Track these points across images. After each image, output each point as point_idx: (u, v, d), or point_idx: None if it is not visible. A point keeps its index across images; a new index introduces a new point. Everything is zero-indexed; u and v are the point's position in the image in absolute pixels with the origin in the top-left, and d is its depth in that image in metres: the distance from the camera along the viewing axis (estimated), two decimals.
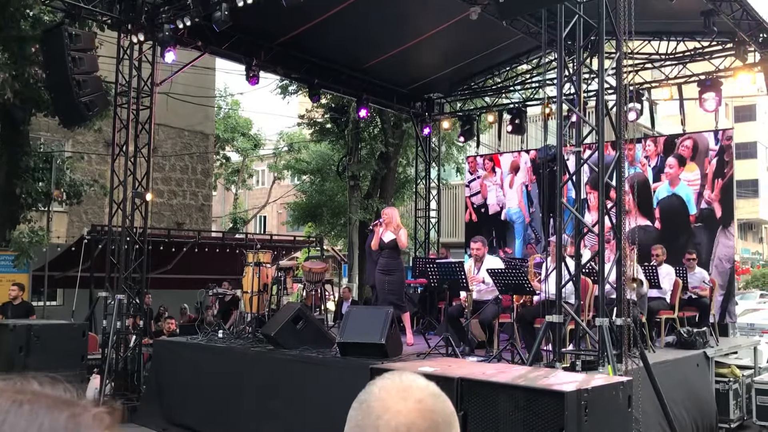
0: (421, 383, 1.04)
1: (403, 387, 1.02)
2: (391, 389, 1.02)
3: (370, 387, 1.05)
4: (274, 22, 10.81)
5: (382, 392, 1.02)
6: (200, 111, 20.59)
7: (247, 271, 9.43)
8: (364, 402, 1.03)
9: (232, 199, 33.85)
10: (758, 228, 47.09)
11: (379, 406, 1.00)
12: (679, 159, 12.08)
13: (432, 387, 1.05)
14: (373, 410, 1.01)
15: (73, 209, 17.45)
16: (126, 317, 9.68)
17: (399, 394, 1.01)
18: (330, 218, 21.20)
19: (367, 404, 1.02)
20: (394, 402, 1.00)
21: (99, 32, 10.37)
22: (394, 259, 8.28)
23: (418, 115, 14.92)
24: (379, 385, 1.04)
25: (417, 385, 1.03)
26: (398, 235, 8.20)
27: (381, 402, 1.01)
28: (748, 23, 10.00)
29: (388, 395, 1.01)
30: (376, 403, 1.01)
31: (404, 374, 1.06)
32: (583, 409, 4.15)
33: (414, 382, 1.04)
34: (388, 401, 1.01)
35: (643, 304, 8.29)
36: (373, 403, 1.01)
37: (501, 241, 14.09)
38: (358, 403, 1.03)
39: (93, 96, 9.12)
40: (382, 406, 1.00)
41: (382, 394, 1.02)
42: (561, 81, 6.89)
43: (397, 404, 1.00)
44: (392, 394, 1.02)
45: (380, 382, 1.05)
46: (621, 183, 6.81)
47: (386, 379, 1.05)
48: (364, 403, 1.03)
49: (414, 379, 1.05)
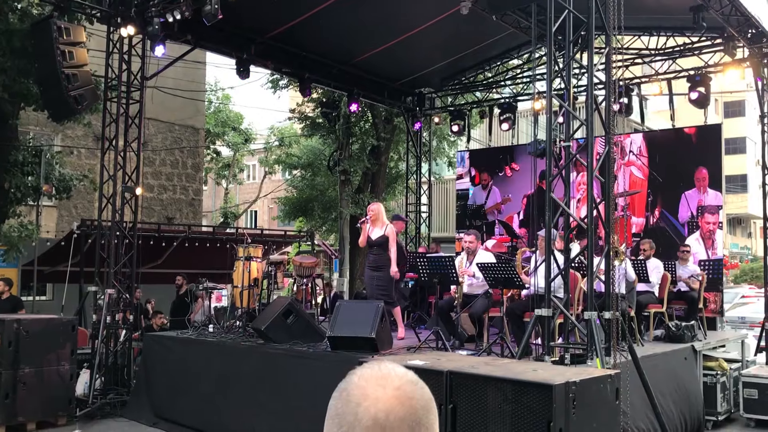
0: (399, 371, 1.06)
1: (381, 375, 1.04)
2: (369, 377, 1.04)
3: (350, 376, 1.06)
4: (264, 16, 10.79)
5: (360, 380, 1.04)
6: (191, 105, 20.51)
7: (238, 265, 9.43)
8: (343, 390, 1.04)
9: (223, 193, 33.76)
10: (747, 223, 47.40)
11: (358, 394, 1.02)
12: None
13: (410, 375, 1.06)
14: (352, 398, 1.02)
15: (63, 204, 17.37)
16: (116, 312, 9.65)
17: (378, 381, 1.03)
18: (321, 213, 21.17)
19: (346, 392, 1.04)
20: (372, 389, 1.02)
21: (88, 25, 10.30)
22: (382, 255, 8.29)
23: (409, 110, 14.92)
24: (358, 374, 1.06)
25: (395, 373, 1.05)
26: (387, 232, 8.24)
27: (360, 390, 1.03)
28: (737, 19, 10.06)
29: (366, 383, 1.03)
30: (356, 391, 1.03)
31: (383, 363, 1.07)
32: (571, 401, 4.19)
33: (392, 371, 1.05)
34: (367, 389, 1.02)
35: (631, 297, 8.34)
36: (352, 391, 1.03)
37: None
38: (338, 392, 1.05)
39: (82, 90, 9.08)
40: (361, 394, 1.02)
41: (360, 382, 1.04)
42: (551, 76, 6.91)
43: (376, 391, 1.01)
44: (371, 382, 1.03)
45: (359, 371, 1.06)
46: (610, 177, 6.85)
47: (365, 368, 1.06)
48: (343, 392, 1.04)
49: (393, 367, 1.06)
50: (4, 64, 10.41)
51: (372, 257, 8.39)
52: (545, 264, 6.68)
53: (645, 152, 12.50)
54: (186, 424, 8.37)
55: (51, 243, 14.45)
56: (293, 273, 10.48)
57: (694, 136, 12.24)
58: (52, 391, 8.36)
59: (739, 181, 41.73)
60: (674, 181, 12.06)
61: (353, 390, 1.03)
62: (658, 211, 12.22)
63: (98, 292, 9.85)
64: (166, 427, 8.51)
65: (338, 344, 7.27)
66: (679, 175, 12.03)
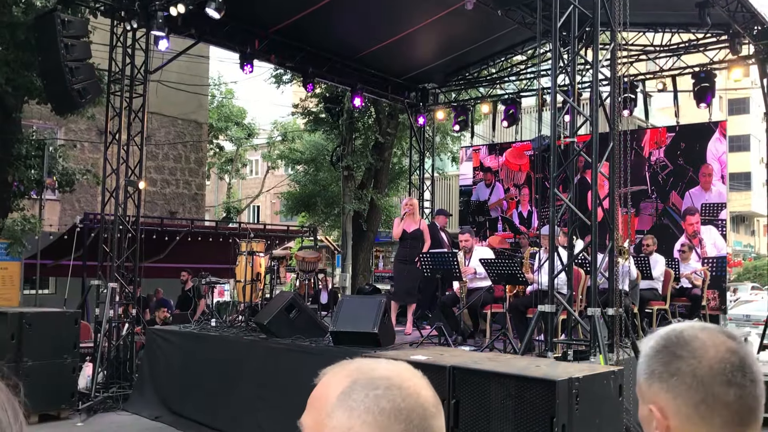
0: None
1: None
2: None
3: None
4: (269, 10, 10.77)
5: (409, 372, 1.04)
6: (194, 99, 20.50)
7: (240, 260, 9.43)
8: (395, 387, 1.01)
9: (226, 188, 33.78)
10: (750, 221, 47.33)
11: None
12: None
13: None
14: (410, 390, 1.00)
15: (66, 197, 17.39)
16: (118, 305, 9.66)
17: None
18: (324, 208, 21.16)
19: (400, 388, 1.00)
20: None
21: (92, 19, 10.29)
22: (416, 249, 8.43)
23: (412, 106, 14.89)
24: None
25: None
26: (422, 227, 8.47)
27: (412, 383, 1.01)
28: (743, 15, 10.01)
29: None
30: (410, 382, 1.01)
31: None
32: (574, 397, 4.18)
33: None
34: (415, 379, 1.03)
35: (635, 294, 8.33)
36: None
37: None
38: (383, 389, 1.00)
39: (86, 83, 9.06)
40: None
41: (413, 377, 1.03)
42: (555, 72, 6.89)
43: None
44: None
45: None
46: (614, 173, 6.83)
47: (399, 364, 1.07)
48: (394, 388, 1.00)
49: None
50: (7, 56, 10.40)
51: (405, 251, 8.51)
52: (549, 260, 6.67)
53: (649, 148, 12.47)
54: (188, 417, 8.38)
55: (54, 237, 14.47)
56: (296, 268, 10.49)
57: (698, 133, 12.20)
58: (54, 384, 8.37)
59: (742, 179, 41.62)
60: (678, 178, 12.03)
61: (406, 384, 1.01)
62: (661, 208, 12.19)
63: (101, 286, 9.86)
64: (168, 420, 8.51)
65: (341, 339, 7.27)
66: (684, 171, 12.00)
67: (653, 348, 1.14)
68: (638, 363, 1.16)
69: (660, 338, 1.15)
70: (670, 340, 1.13)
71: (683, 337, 1.12)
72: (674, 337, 1.13)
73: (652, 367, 1.12)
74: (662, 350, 1.12)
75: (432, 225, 10.48)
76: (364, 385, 1.00)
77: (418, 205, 8.93)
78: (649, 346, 1.15)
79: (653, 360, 1.12)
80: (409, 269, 8.43)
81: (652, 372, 1.11)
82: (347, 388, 1.00)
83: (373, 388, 0.99)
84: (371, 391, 0.98)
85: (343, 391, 1.00)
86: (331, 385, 1.02)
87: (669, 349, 1.12)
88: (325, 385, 1.04)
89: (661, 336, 1.15)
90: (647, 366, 1.13)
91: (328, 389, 1.02)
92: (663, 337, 1.15)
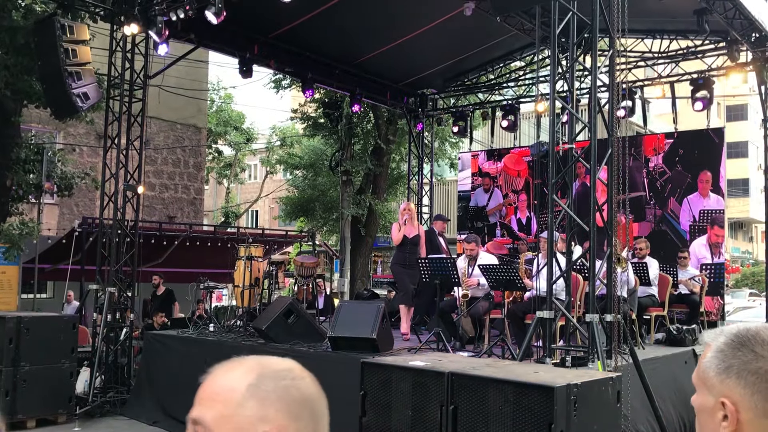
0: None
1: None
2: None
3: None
4: (267, 16, 10.78)
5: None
6: (193, 104, 20.53)
7: (239, 265, 9.43)
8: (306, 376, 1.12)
9: (224, 193, 33.77)
10: (748, 227, 47.39)
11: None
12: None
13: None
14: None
15: (64, 201, 17.38)
16: (117, 310, 9.65)
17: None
18: (322, 213, 21.17)
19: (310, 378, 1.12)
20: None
21: (91, 23, 10.31)
22: (415, 253, 8.53)
23: (411, 111, 14.91)
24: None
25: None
26: (420, 232, 8.61)
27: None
28: (741, 22, 10.04)
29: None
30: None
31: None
32: (572, 404, 4.18)
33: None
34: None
35: (633, 300, 8.33)
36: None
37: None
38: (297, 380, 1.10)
39: (85, 88, 9.07)
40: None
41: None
42: (554, 78, 6.90)
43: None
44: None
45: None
46: (612, 180, 6.84)
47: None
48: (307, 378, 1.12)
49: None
50: (7, 61, 10.41)
51: (405, 255, 8.59)
52: (547, 266, 6.67)
53: (648, 155, 12.48)
54: (186, 422, 8.34)
55: (52, 241, 14.45)
56: (294, 273, 10.48)
57: (696, 140, 12.21)
58: (52, 388, 8.36)
59: (740, 185, 41.70)
60: (677, 185, 12.05)
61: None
62: (660, 215, 12.20)
63: (99, 291, 9.84)
64: (166, 425, 8.49)
65: (339, 344, 7.27)
66: (682, 178, 12.02)
67: (728, 345, 1.19)
68: (707, 356, 1.22)
69: (734, 336, 1.20)
70: (746, 338, 1.18)
71: (762, 336, 1.18)
72: (751, 336, 1.18)
73: (728, 363, 1.17)
74: (740, 348, 1.18)
75: (430, 230, 10.48)
76: (271, 377, 1.07)
77: (415, 210, 9.02)
78: (721, 342, 1.20)
79: (730, 356, 1.18)
80: (412, 274, 8.52)
81: (728, 367, 1.17)
82: (255, 380, 1.06)
83: (280, 379, 1.07)
84: (280, 381, 1.07)
85: (251, 383, 1.06)
86: (234, 379, 1.08)
87: (748, 347, 1.17)
88: (225, 380, 1.09)
89: (734, 333, 1.20)
90: (722, 361, 1.18)
91: (232, 383, 1.07)
92: (737, 334, 1.20)
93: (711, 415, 1.19)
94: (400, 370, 4.87)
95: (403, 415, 4.76)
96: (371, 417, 5.02)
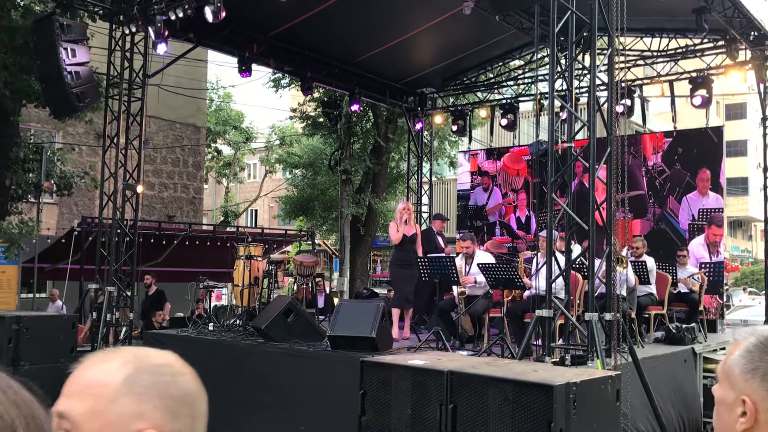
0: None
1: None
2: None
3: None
4: (266, 15, 10.78)
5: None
6: (192, 103, 20.52)
7: (238, 264, 9.43)
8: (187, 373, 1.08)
9: (224, 192, 33.75)
10: (747, 226, 47.39)
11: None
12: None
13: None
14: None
15: (64, 201, 17.37)
16: (116, 309, 9.65)
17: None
18: (322, 212, 21.18)
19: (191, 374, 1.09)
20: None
21: (90, 23, 10.30)
22: (413, 253, 8.48)
23: (410, 110, 14.91)
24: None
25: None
26: (417, 231, 8.60)
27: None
28: (740, 21, 10.05)
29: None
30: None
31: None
32: (571, 402, 4.18)
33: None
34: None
35: (632, 299, 8.33)
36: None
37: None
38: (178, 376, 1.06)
39: (84, 87, 9.07)
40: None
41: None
42: (553, 77, 6.90)
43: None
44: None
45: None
46: (611, 179, 6.84)
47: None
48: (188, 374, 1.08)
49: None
50: (6, 60, 10.40)
51: (403, 254, 8.54)
52: (546, 265, 6.68)
53: (646, 154, 12.48)
54: None
55: (51, 240, 14.45)
56: (294, 272, 10.49)
57: (696, 138, 12.22)
58: (51, 388, 8.24)
59: (739, 184, 41.71)
60: (676, 183, 12.05)
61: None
62: (659, 213, 12.21)
63: (98, 290, 9.85)
64: None
65: (338, 344, 7.27)
66: (681, 177, 12.02)
67: (757, 347, 1.20)
68: (735, 354, 1.23)
69: (765, 339, 1.21)
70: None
71: None
72: None
73: (755, 364, 1.19)
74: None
75: (429, 229, 10.49)
76: (150, 371, 1.00)
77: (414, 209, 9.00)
78: (750, 343, 1.21)
79: (757, 359, 1.19)
80: (411, 273, 8.44)
81: (755, 369, 1.18)
82: (131, 374, 0.98)
83: (160, 374, 1.00)
84: (159, 377, 1.00)
85: (127, 377, 0.98)
86: (108, 372, 0.99)
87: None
88: (98, 373, 0.99)
89: (765, 336, 1.21)
90: (749, 361, 1.20)
91: (106, 376, 0.98)
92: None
93: (730, 408, 1.22)
94: (399, 369, 4.87)
95: (403, 414, 4.76)
96: (371, 416, 5.02)
